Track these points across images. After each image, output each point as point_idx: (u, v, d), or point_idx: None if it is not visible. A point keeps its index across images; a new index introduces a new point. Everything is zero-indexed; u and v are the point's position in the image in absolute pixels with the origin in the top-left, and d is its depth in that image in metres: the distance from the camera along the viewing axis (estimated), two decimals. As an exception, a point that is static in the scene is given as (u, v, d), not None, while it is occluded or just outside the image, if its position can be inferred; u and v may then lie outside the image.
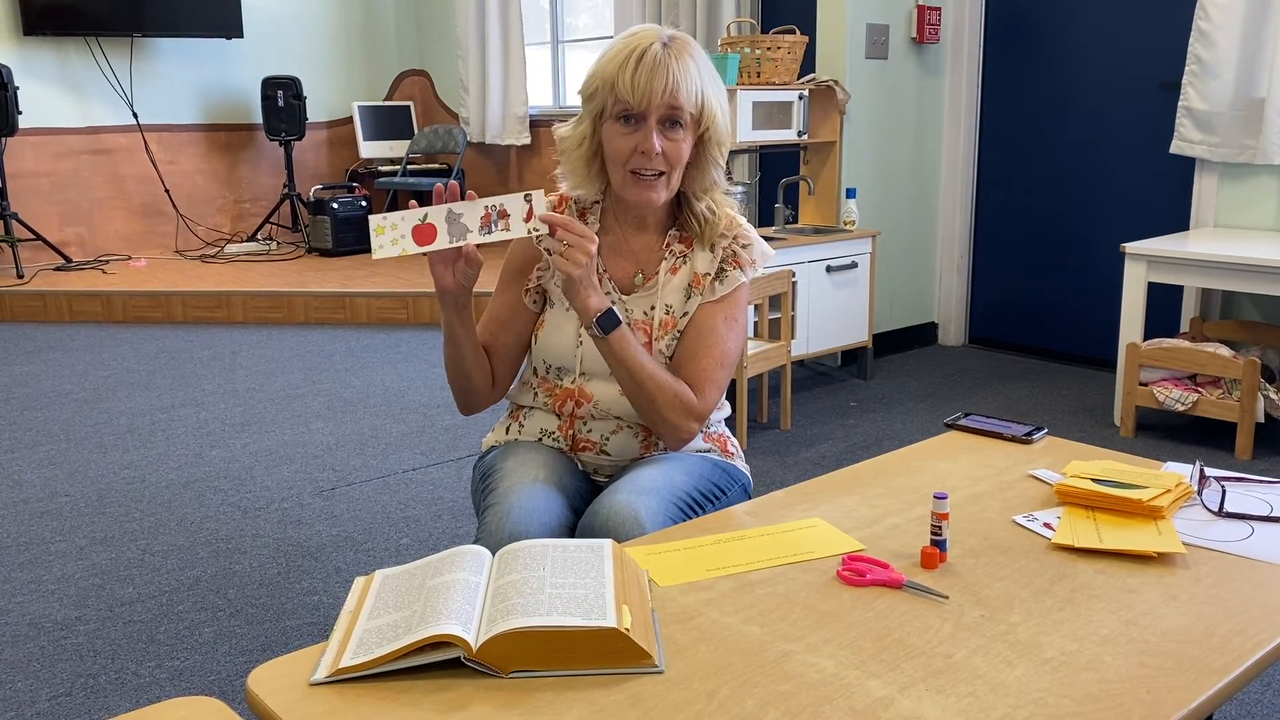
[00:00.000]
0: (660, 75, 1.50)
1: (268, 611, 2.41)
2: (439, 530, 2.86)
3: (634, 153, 1.53)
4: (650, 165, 1.54)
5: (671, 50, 1.52)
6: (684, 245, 1.66)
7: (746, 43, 4.11)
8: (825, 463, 3.33)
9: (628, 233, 1.66)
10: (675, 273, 1.65)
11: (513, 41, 6.67)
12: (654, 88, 1.50)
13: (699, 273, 1.65)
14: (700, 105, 1.54)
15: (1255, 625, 1.10)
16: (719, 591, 1.18)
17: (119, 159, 6.58)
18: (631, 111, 1.52)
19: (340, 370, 4.47)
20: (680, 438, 1.60)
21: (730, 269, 1.65)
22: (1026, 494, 1.46)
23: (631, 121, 1.53)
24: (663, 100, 1.50)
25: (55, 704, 2.04)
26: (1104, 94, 4.37)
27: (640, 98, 1.50)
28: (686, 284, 1.65)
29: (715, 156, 1.60)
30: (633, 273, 1.66)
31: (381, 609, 1.09)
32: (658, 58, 1.50)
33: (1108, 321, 4.32)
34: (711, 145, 1.58)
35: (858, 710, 0.95)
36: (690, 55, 1.54)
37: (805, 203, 4.54)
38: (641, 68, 1.50)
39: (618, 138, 1.54)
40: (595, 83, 1.55)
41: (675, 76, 1.51)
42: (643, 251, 1.66)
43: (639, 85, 1.50)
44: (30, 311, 5.46)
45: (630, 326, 1.60)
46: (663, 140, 1.53)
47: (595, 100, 1.55)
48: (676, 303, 1.65)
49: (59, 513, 2.99)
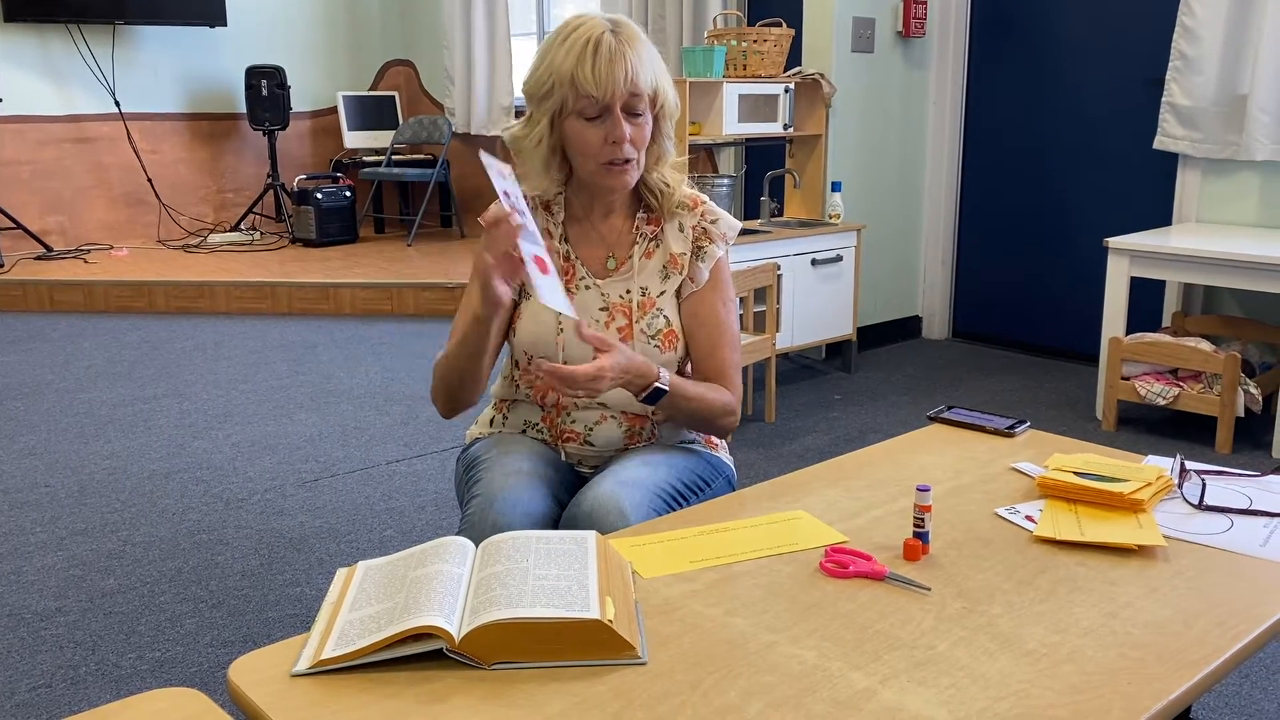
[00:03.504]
0: (620, 64, 1.51)
1: (249, 603, 2.40)
2: (422, 522, 2.86)
3: (605, 144, 1.54)
4: (622, 154, 1.55)
5: (622, 37, 1.53)
6: (653, 226, 1.69)
7: (733, 35, 4.11)
8: (809, 455, 3.34)
9: (594, 219, 1.68)
10: (650, 256, 1.68)
11: (498, 32, 6.64)
12: (616, 77, 1.50)
13: (674, 253, 1.67)
14: (655, 85, 1.56)
15: (1234, 617, 1.11)
16: (702, 583, 1.18)
17: (101, 147, 6.53)
18: (596, 103, 1.52)
19: (324, 361, 4.45)
20: (730, 430, 1.69)
21: (706, 244, 1.68)
22: (1009, 487, 1.47)
23: (596, 113, 1.53)
24: (625, 89, 1.52)
25: (35, 695, 2.03)
26: (1088, 89, 4.39)
27: (604, 89, 1.50)
28: (663, 265, 1.67)
29: (666, 130, 1.62)
30: (604, 257, 1.68)
31: (364, 600, 1.09)
32: (612, 47, 1.51)
33: (1090, 316, 4.34)
34: (664, 120, 1.61)
35: (840, 701, 0.95)
36: (639, 38, 1.55)
37: (790, 196, 4.55)
38: (600, 59, 1.50)
39: (585, 131, 1.54)
40: (549, 80, 1.54)
41: (632, 64, 1.52)
42: (610, 235, 1.68)
43: (601, 77, 1.50)
44: (10, 301, 5.41)
45: (608, 310, 1.64)
46: (628, 126, 1.54)
47: (552, 98, 1.54)
48: (654, 284, 1.67)
49: (39, 503, 2.97)
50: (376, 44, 7.56)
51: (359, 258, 6.09)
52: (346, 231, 6.61)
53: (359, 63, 7.49)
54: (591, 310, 1.66)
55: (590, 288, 1.66)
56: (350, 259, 6.05)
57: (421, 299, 5.32)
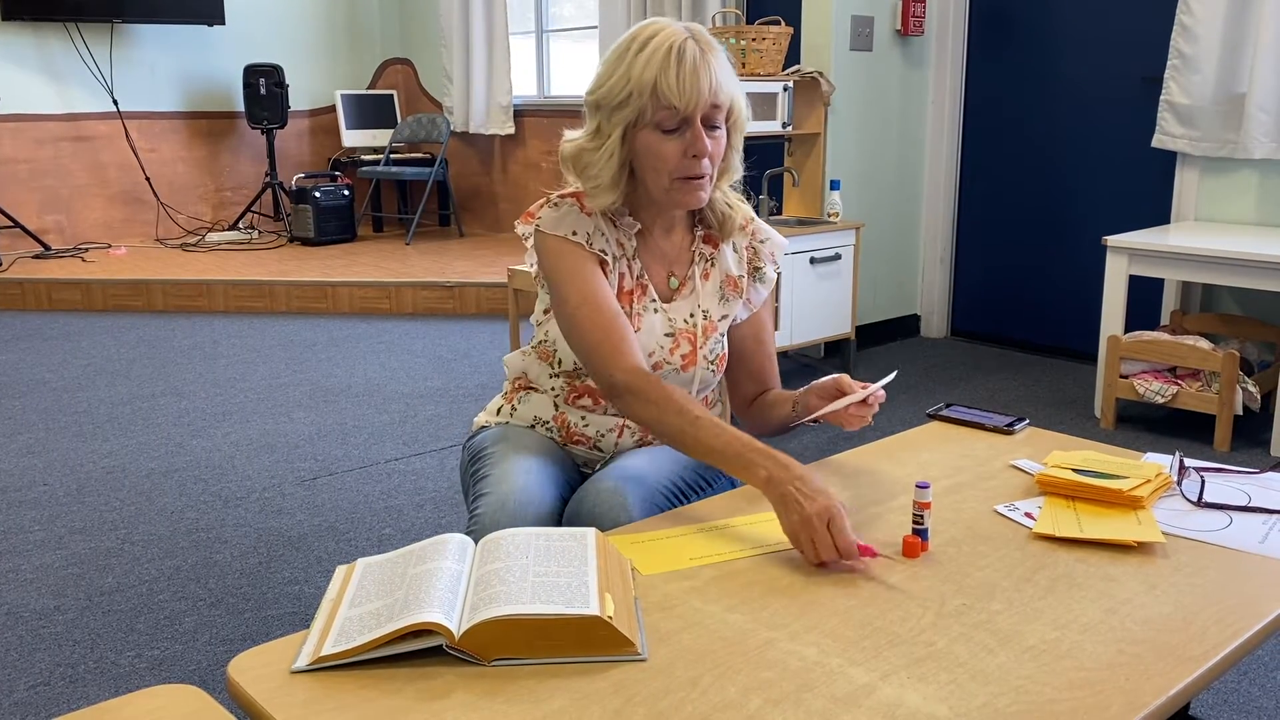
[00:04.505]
0: (705, 75, 1.44)
1: (248, 601, 2.40)
2: (421, 520, 2.86)
3: (683, 157, 1.47)
4: (700, 169, 1.48)
5: (701, 45, 1.46)
6: (709, 245, 1.64)
7: (732, 33, 4.11)
8: (809, 453, 3.34)
9: (657, 236, 1.62)
10: (707, 278, 1.64)
11: (497, 31, 6.64)
12: (700, 88, 1.43)
13: (731, 275, 1.64)
14: (731, 97, 1.50)
15: (1233, 614, 1.11)
16: (702, 580, 1.18)
17: (99, 146, 6.52)
18: (676, 114, 1.45)
19: (322, 360, 4.45)
20: None
21: (761, 265, 1.67)
22: (1008, 484, 1.47)
23: (675, 125, 1.46)
24: (707, 100, 1.45)
25: (33, 693, 2.03)
26: (1087, 88, 4.39)
27: (688, 100, 1.43)
28: (719, 286, 1.64)
29: (737, 143, 1.55)
30: (666, 276, 1.62)
31: (363, 597, 1.09)
32: (697, 57, 1.44)
33: (1089, 314, 4.34)
34: (735, 133, 1.54)
35: (839, 698, 0.95)
36: (716, 48, 1.49)
37: (789, 194, 4.55)
38: (684, 69, 1.43)
39: (662, 144, 1.47)
40: (627, 88, 1.45)
41: (716, 74, 1.45)
42: (670, 252, 1.63)
43: (685, 88, 1.42)
44: (8, 300, 5.41)
45: (673, 336, 1.60)
46: (708, 140, 1.47)
47: (628, 107, 1.46)
48: (714, 308, 1.64)
49: (38, 502, 2.97)
50: (375, 43, 7.55)
51: (357, 256, 6.09)
52: (345, 230, 6.60)
53: (357, 61, 7.49)
54: (657, 336, 1.59)
55: (658, 311, 1.60)
56: (348, 258, 6.05)
57: (420, 297, 5.32)
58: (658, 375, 1.49)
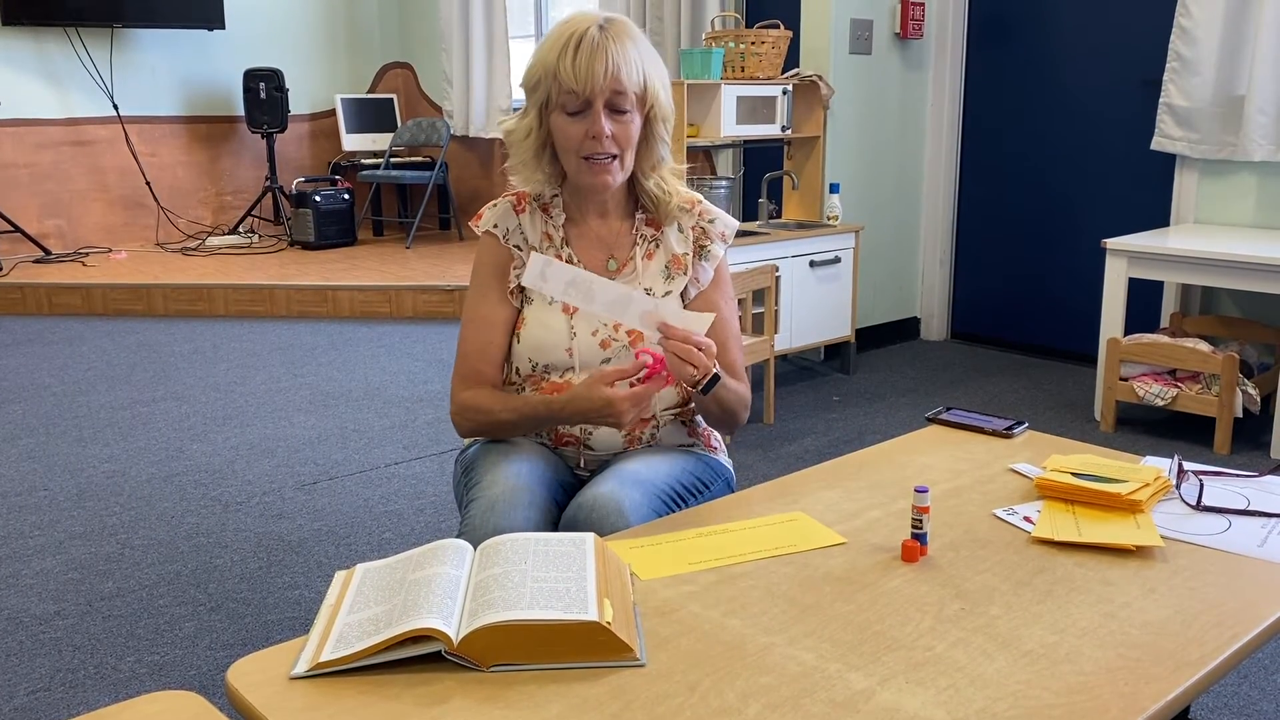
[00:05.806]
0: (600, 58, 1.51)
1: (248, 606, 2.40)
2: (421, 524, 2.86)
3: (584, 138, 1.55)
4: (602, 149, 1.56)
5: (609, 33, 1.54)
6: (652, 228, 1.70)
7: (731, 37, 4.11)
8: (808, 457, 3.34)
9: (591, 220, 1.69)
10: (651, 258, 1.69)
11: (496, 34, 6.65)
12: (595, 71, 1.51)
13: (676, 253, 1.69)
14: (644, 84, 1.56)
15: (1232, 618, 1.11)
16: (701, 585, 1.18)
17: (99, 150, 6.52)
18: (577, 97, 1.53)
19: (322, 364, 4.45)
20: (743, 424, 1.70)
21: (707, 244, 1.70)
22: (1007, 488, 1.47)
23: (578, 108, 1.54)
24: (606, 84, 1.52)
25: (33, 699, 2.03)
26: (1086, 90, 4.39)
27: (584, 82, 1.52)
28: (664, 265, 1.69)
29: (661, 134, 1.63)
30: (604, 259, 1.69)
31: (362, 603, 1.09)
32: (596, 41, 1.52)
33: (1089, 317, 4.34)
34: (656, 123, 1.61)
35: (838, 702, 0.95)
36: (628, 36, 1.56)
37: (789, 197, 4.55)
38: (581, 53, 1.52)
39: (567, 125, 1.56)
40: (537, 72, 1.56)
41: (615, 59, 1.52)
42: (609, 236, 1.69)
43: (580, 70, 1.51)
44: (9, 304, 5.41)
45: None
46: (611, 123, 1.55)
47: (539, 90, 1.57)
48: (658, 285, 1.68)
49: (37, 507, 2.97)
50: (375, 47, 7.56)
51: (357, 260, 6.09)
52: (345, 234, 6.60)
53: (357, 65, 7.49)
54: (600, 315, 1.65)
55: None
56: (348, 261, 6.05)
57: (420, 301, 5.32)
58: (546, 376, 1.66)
